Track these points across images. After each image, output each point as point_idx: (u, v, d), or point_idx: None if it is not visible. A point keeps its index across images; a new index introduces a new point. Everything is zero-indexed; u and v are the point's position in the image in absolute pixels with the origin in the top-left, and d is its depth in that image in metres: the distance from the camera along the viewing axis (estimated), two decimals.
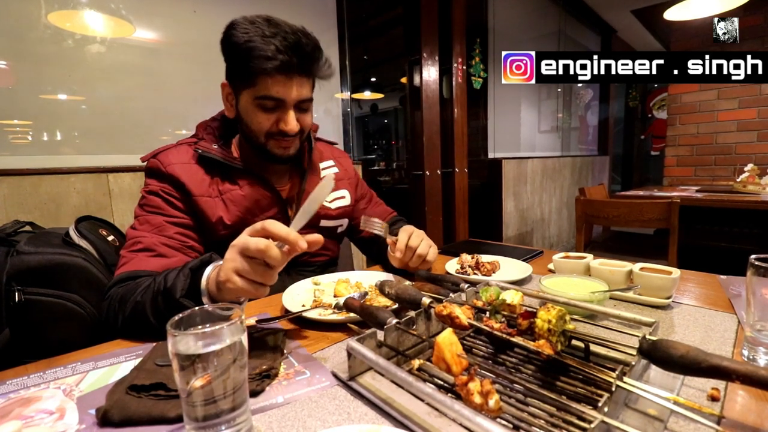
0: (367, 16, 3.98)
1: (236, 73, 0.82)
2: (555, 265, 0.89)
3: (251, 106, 0.82)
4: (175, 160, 0.84)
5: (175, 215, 0.81)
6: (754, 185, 2.33)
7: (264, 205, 0.90)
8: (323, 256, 1.02)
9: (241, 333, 0.37)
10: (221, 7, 1.64)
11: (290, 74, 0.78)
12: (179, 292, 0.60)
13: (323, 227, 1.00)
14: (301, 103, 0.83)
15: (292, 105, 0.81)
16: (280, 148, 0.86)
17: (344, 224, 1.07)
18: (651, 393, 0.38)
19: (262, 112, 0.82)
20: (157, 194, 0.82)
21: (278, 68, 0.76)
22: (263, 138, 0.84)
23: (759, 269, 0.48)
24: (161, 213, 0.81)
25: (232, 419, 0.37)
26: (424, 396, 0.40)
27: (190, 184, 0.83)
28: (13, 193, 1.14)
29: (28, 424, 0.43)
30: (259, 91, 0.79)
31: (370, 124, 9.84)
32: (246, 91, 0.81)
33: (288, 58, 0.76)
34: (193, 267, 0.62)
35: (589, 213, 2.06)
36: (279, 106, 0.81)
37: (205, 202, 0.83)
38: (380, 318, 0.53)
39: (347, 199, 1.06)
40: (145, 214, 0.80)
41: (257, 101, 0.80)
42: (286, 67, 0.76)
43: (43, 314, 0.71)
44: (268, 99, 0.79)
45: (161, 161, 0.83)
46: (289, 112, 0.82)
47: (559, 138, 4.43)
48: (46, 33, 1.24)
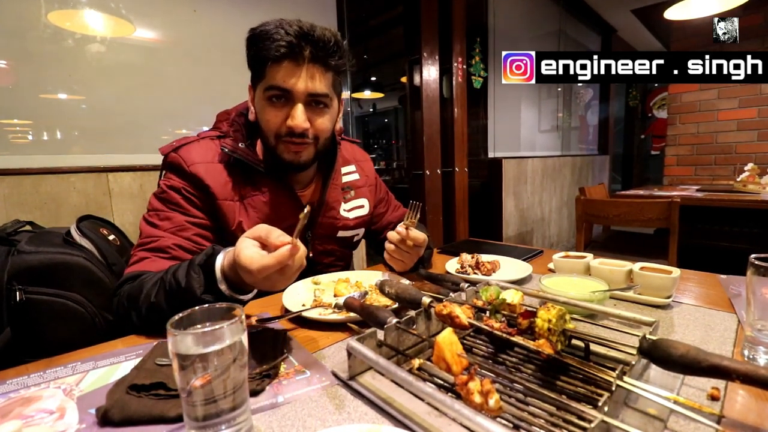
0: (367, 15, 3.98)
1: (251, 67, 0.78)
2: (555, 265, 0.89)
3: (262, 101, 0.77)
4: (199, 158, 0.79)
5: (195, 215, 0.78)
6: (754, 185, 2.33)
7: (283, 212, 0.85)
8: (335, 267, 0.99)
9: (241, 333, 0.37)
10: (221, 7, 1.63)
11: (298, 61, 0.72)
12: (198, 290, 0.59)
13: (340, 237, 0.96)
14: (314, 98, 0.76)
15: (301, 98, 0.75)
16: (290, 153, 0.79)
17: (360, 233, 1.02)
18: (651, 392, 0.38)
19: (271, 107, 0.76)
20: (179, 191, 0.77)
21: (286, 54, 0.71)
22: (273, 140, 0.79)
23: (759, 269, 0.48)
24: (182, 212, 0.77)
25: (232, 419, 0.37)
26: (424, 395, 0.40)
27: (214, 187, 0.78)
28: (13, 193, 1.14)
29: (28, 424, 0.43)
30: (268, 81, 0.74)
31: (370, 124, 9.84)
32: (259, 85, 0.77)
33: (297, 41, 0.70)
34: (201, 263, 0.61)
35: (589, 212, 2.06)
36: (287, 100, 0.75)
37: (227, 206, 0.80)
38: (380, 317, 0.53)
39: (366, 208, 1.01)
40: (166, 210, 0.76)
41: (266, 94, 0.75)
42: (294, 52, 0.71)
43: (44, 313, 0.71)
44: (274, 89, 0.74)
45: (184, 159, 0.79)
46: (298, 105, 0.75)
47: (560, 137, 4.43)
48: (46, 32, 1.24)
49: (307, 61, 0.73)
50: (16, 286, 0.69)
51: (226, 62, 1.59)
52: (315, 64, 0.74)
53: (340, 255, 0.99)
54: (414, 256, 0.86)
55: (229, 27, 1.68)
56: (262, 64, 0.74)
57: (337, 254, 0.98)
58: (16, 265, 0.70)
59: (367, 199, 1.02)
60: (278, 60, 0.71)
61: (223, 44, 1.62)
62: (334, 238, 0.95)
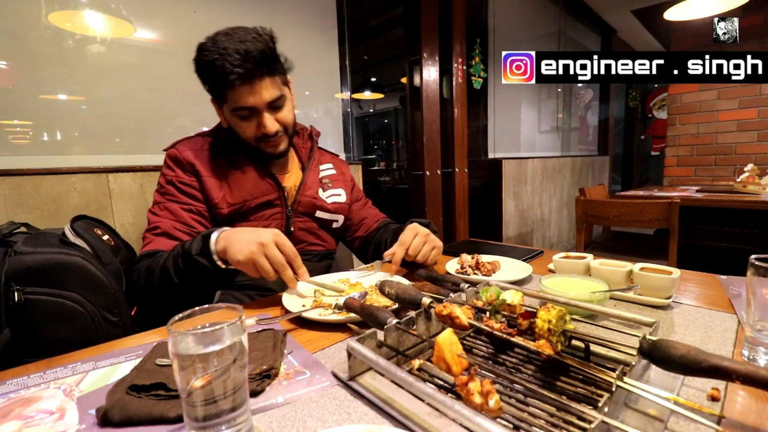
0: (367, 16, 3.98)
1: (211, 93, 0.93)
2: (555, 265, 0.89)
3: (232, 117, 0.92)
4: (189, 147, 0.96)
5: (188, 203, 0.92)
6: (754, 185, 2.33)
7: (264, 189, 0.98)
8: (319, 246, 1.09)
9: (241, 333, 0.37)
10: (221, 7, 1.64)
11: (252, 82, 0.85)
12: (194, 251, 0.75)
13: (318, 218, 1.07)
14: (274, 103, 0.90)
15: (263, 108, 0.90)
16: (270, 147, 0.96)
17: (339, 220, 1.13)
18: (651, 393, 0.38)
19: (242, 121, 0.91)
20: (173, 184, 0.93)
21: (239, 81, 0.84)
22: (254, 142, 0.95)
23: (759, 269, 0.48)
24: (176, 201, 0.92)
25: (232, 419, 0.37)
26: (425, 396, 0.40)
27: (200, 165, 0.94)
28: (13, 193, 1.13)
29: (28, 424, 0.43)
30: (231, 104, 0.89)
31: (370, 124, 9.84)
32: (224, 105, 0.92)
33: (243, 70, 0.83)
34: (205, 234, 0.76)
35: (590, 213, 2.06)
36: (254, 112, 0.90)
37: (211, 182, 0.94)
38: (380, 318, 0.53)
39: (343, 196, 1.14)
40: (164, 201, 0.92)
41: (234, 113, 0.90)
42: (245, 77, 0.84)
43: (42, 314, 0.71)
44: (241, 109, 0.89)
45: (178, 149, 0.95)
46: (264, 115, 0.90)
47: (559, 138, 4.43)
48: (46, 33, 1.24)
49: (256, 78, 0.86)
50: (14, 287, 0.69)
51: None
52: (263, 77, 0.87)
53: (321, 236, 1.10)
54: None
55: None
56: (221, 90, 0.88)
57: (317, 234, 1.09)
58: (13, 265, 0.70)
59: (343, 190, 1.15)
60: (233, 87, 0.85)
61: None
62: (313, 217, 1.07)
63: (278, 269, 0.73)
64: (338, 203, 1.11)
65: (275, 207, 1.00)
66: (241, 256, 0.71)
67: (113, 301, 0.78)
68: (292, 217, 1.02)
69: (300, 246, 1.03)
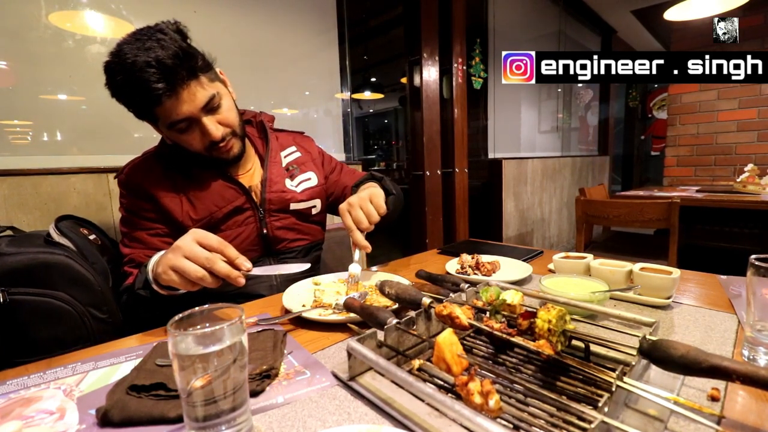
0: (367, 16, 3.99)
1: (138, 116, 0.82)
2: (555, 265, 0.89)
3: (171, 133, 0.83)
4: (138, 169, 0.89)
5: (152, 227, 0.88)
6: (754, 185, 2.33)
7: (229, 196, 0.91)
8: (302, 241, 1.03)
9: (241, 333, 0.37)
10: (221, 8, 1.64)
11: (177, 92, 0.76)
12: (137, 285, 0.72)
13: (294, 210, 1.00)
14: (208, 105, 0.81)
15: (200, 114, 0.81)
16: (223, 153, 0.88)
17: (317, 205, 1.05)
18: (651, 393, 0.38)
19: (183, 134, 0.83)
20: (132, 211, 0.88)
21: (162, 97, 0.75)
22: (205, 152, 0.86)
23: (759, 269, 0.48)
24: (141, 228, 0.88)
25: (232, 419, 0.37)
26: (425, 396, 0.40)
27: (152, 188, 0.87)
28: (13, 193, 1.13)
29: (28, 424, 0.43)
30: (165, 121, 0.80)
31: (370, 124, 9.84)
32: (158, 125, 0.83)
33: (162, 83, 0.74)
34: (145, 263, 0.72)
35: (590, 213, 2.06)
36: (192, 122, 0.81)
37: (170, 201, 0.87)
38: (380, 318, 0.53)
39: (314, 180, 1.05)
40: (130, 231, 0.88)
41: (171, 129, 0.81)
42: (166, 91, 0.75)
43: (30, 314, 0.71)
44: (177, 123, 0.80)
45: (126, 175, 0.89)
46: (203, 121, 0.81)
47: (559, 138, 4.43)
48: (46, 33, 1.24)
49: (180, 86, 0.76)
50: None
51: (226, 63, 1.59)
52: (187, 82, 0.77)
53: (302, 229, 1.03)
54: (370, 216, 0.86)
55: (229, 28, 1.68)
56: (148, 110, 0.79)
57: (297, 228, 1.02)
58: None
59: (313, 172, 1.07)
60: (160, 103, 0.76)
61: (223, 45, 1.62)
62: (288, 212, 0.99)
63: (206, 266, 0.63)
64: (311, 188, 1.03)
65: (246, 211, 0.93)
66: (161, 270, 0.65)
67: (101, 298, 0.78)
68: (265, 217, 0.96)
69: (281, 245, 0.98)
